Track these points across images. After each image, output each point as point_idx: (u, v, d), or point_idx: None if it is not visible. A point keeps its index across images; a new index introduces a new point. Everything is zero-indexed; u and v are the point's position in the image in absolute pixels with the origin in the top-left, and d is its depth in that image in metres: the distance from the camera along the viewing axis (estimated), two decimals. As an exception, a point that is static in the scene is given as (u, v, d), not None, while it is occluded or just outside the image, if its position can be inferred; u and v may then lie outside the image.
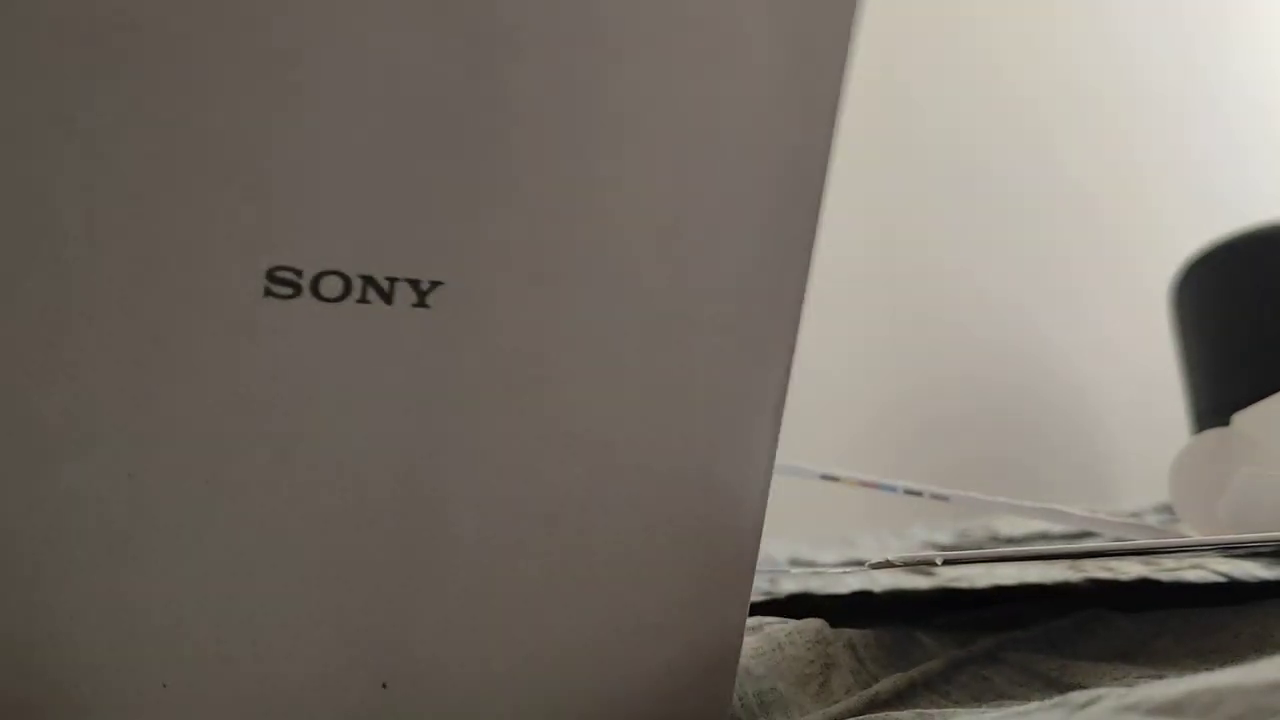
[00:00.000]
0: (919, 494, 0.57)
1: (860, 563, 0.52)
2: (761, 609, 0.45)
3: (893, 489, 0.57)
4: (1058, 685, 0.35)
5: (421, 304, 0.26)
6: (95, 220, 0.24)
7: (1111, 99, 1.43)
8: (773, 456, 0.31)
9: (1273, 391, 0.53)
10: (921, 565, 0.35)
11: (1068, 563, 0.49)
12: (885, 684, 0.36)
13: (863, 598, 0.49)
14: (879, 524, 0.86)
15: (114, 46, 0.23)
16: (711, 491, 0.30)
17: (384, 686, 0.28)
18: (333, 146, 0.25)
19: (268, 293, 0.25)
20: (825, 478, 0.56)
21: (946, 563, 0.33)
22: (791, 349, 0.30)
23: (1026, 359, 1.34)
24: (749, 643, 0.43)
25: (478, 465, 0.27)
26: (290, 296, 0.25)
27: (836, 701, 0.37)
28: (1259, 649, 0.35)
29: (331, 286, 0.25)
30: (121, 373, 0.25)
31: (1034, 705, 0.28)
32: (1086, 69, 1.42)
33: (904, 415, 1.23)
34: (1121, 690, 0.25)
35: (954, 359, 1.28)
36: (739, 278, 0.29)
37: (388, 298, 0.26)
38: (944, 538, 0.73)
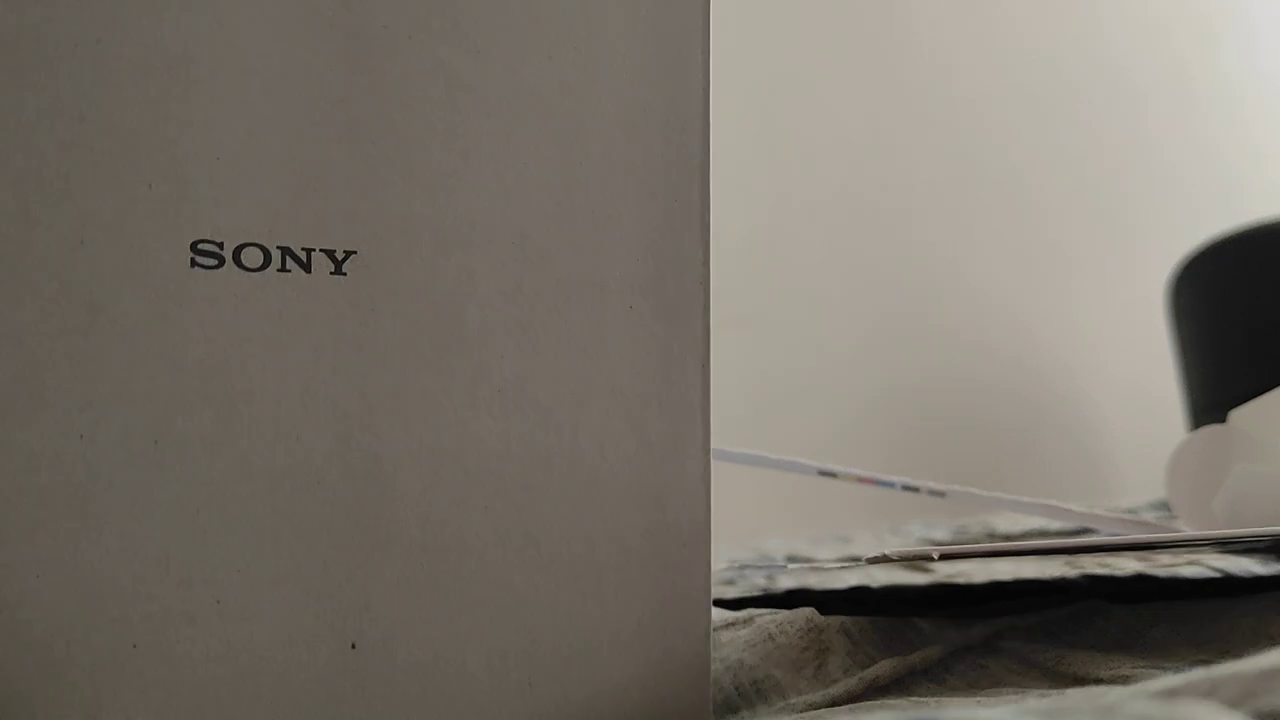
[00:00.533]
0: (916, 490, 0.57)
1: (857, 558, 0.52)
2: (758, 604, 0.45)
3: (890, 485, 0.57)
4: (1054, 675, 0.35)
5: (339, 272, 0.29)
6: (28, 203, 0.27)
7: (1110, 96, 1.43)
8: (706, 412, 0.33)
9: (1269, 388, 0.53)
10: (918, 560, 0.35)
11: (1065, 559, 0.50)
12: (885, 668, 0.36)
13: (860, 593, 0.49)
14: (876, 520, 0.86)
15: (25, 52, 0.27)
16: (648, 449, 0.32)
17: (353, 647, 0.29)
18: (233, 133, 0.28)
19: (194, 264, 0.28)
20: (822, 473, 0.56)
21: (943, 557, 0.33)
22: (705, 308, 0.33)
23: (1024, 355, 1.35)
24: (740, 636, 0.43)
25: (412, 423, 0.30)
26: (215, 267, 0.28)
27: (835, 681, 0.37)
28: (1255, 640, 0.36)
29: (253, 258, 0.28)
30: (64, 340, 0.27)
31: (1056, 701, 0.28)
32: (1084, 66, 1.42)
33: (901, 411, 1.24)
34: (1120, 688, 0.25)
35: (951, 355, 1.28)
36: (637, 240, 0.32)
37: (306, 267, 0.29)
38: (941, 534, 0.73)
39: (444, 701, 0.30)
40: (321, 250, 0.29)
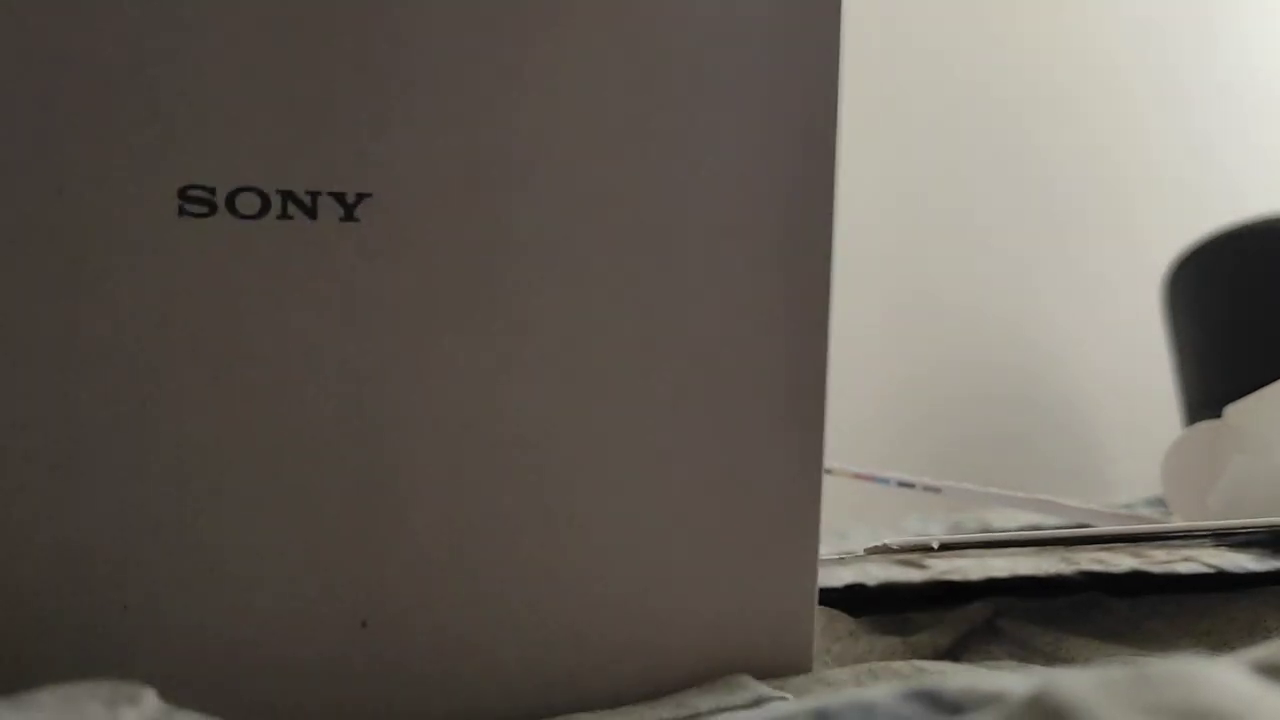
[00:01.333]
0: (912, 486, 0.57)
1: (855, 553, 0.52)
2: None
3: (885, 481, 0.57)
4: (1053, 661, 0.35)
5: (349, 218, 0.25)
6: None
7: (1105, 93, 1.43)
8: (821, 386, 0.26)
9: (1265, 383, 0.53)
10: (917, 550, 0.35)
11: (1061, 556, 0.50)
12: (896, 652, 0.36)
13: (856, 590, 0.49)
14: (872, 516, 0.86)
15: None
16: (736, 428, 0.27)
17: (363, 625, 0.27)
18: (223, 61, 0.24)
19: (182, 212, 0.24)
20: (818, 469, 0.56)
21: (943, 547, 0.33)
22: (826, 256, 0.26)
23: (1019, 353, 1.35)
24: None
25: (432, 387, 0.26)
26: (205, 215, 0.25)
27: (838, 639, 0.37)
28: (1251, 633, 0.36)
29: (248, 203, 0.25)
30: (40, 295, 0.24)
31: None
32: (1078, 61, 1.42)
33: (897, 408, 1.24)
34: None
35: (946, 352, 1.28)
36: (735, 172, 0.26)
37: (311, 212, 0.25)
38: (936, 530, 0.73)
39: (469, 689, 0.27)
40: (329, 194, 0.25)
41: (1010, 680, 0.18)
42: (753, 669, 0.28)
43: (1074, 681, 0.16)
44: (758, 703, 0.26)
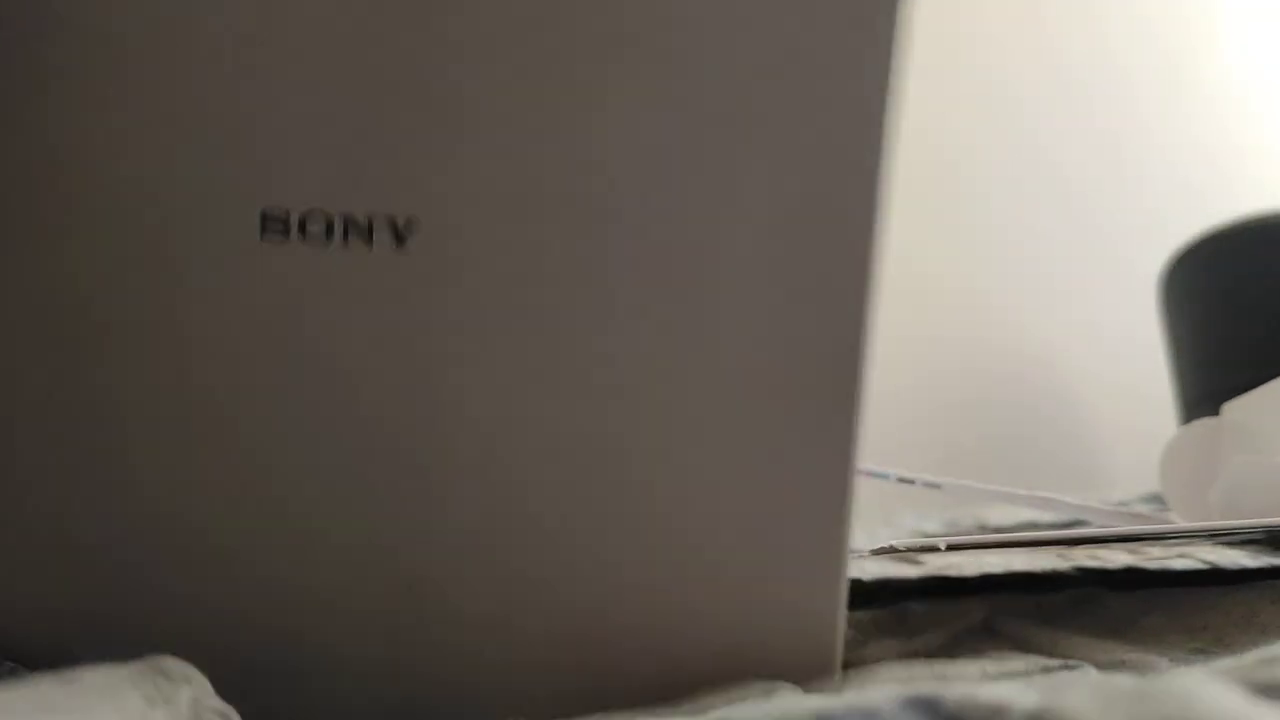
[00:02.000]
0: (911, 482, 0.57)
1: (855, 550, 0.52)
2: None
3: (885, 476, 0.57)
4: (1051, 658, 0.35)
5: (399, 245, 0.25)
6: (88, 165, 0.25)
7: (1100, 89, 1.43)
8: (852, 415, 0.27)
9: (1262, 381, 0.53)
10: (924, 551, 0.35)
11: (1056, 551, 0.50)
12: (889, 652, 0.36)
13: (852, 586, 0.49)
14: (870, 512, 0.86)
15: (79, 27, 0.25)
16: (767, 453, 0.27)
17: (409, 589, 0.28)
18: (282, 85, 0.25)
19: (264, 233, 0.26)
20: (817, 465, 0.56)
21: (950, 548, 0.33)
22: (864, 290, 0.26)
23: (1016, 349, 1.35)
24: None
25: (473, 398, 0.27)
26: (281, 237, 0.25)
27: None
28: (1247, 629, 0.36)
29: (316, 226, 0.25)
30: (130, 288, 0.26)
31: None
32: (1073, 57, 1.42)
33: (895, 404, 1.24)
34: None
35: (943, 349, 1.28)
36: (776, 200, 0.25)
37: (368, 238, 0.25)
38: (933, 527, 0.73)
39: (498, 658, 0.28)
40: (383, 216, 0.25)
41: (1010, 691, 0.18)
42: (778, 673, 0.28)
43: (1075, 698, 0.16)
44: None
